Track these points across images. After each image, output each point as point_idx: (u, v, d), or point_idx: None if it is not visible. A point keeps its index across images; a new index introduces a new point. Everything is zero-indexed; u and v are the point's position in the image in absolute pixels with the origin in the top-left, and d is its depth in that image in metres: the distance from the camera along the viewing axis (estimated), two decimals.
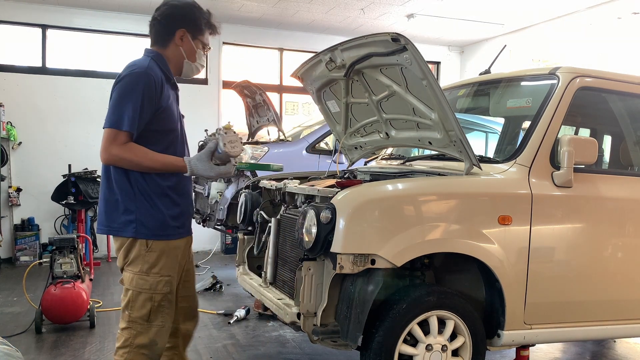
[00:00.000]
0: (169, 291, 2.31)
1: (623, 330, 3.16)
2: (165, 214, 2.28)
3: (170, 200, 2.30)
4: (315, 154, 5.73)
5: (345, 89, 3.27)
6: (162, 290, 2.28)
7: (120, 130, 2.15)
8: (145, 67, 2.22)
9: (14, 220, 6.90)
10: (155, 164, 2.21)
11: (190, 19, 2.36)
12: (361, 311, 2.47)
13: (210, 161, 2.21)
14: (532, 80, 3.36)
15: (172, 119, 2.32)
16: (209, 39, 2.46)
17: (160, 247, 2.27)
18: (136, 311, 2.27)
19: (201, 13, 2.40)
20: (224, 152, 2.17)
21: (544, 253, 2.83)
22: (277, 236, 3.18)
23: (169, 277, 2.30)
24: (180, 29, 2.35)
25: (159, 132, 2.26)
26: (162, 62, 2.34)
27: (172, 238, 2.31)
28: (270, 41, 8.02)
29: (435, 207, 2.64)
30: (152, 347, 2.30)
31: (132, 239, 2.25)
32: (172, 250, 2.31)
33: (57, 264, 4.32)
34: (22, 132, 6.93)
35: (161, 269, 2.28)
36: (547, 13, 7.08)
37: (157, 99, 2.22)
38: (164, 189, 2.28)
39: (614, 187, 3.07)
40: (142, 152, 2.19)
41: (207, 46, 2.46)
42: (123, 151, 2.16)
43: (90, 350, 3.75)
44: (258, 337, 4.06)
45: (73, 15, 7.14)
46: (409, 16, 7.26)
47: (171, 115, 2.31)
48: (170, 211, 2.30)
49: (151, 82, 2.19)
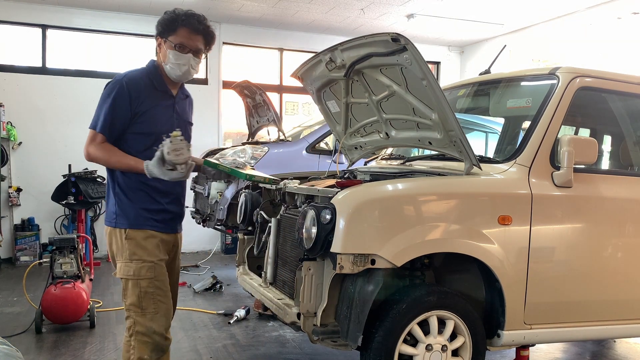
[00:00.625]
0: (153, 276, 2.43)
1: (623, 330, 3.16)
2: (141, 207, 2.46)
3: (146, 194, 2.47)
4: (315, 154, 5.72)
5: (345, 89, 3.27)
6: (146, 275, 2.41)
7: (96, 132, 2.40)
8: (123, 76, 2.42)
9: (14, 220, 6.90)
10: (118, 164, 2.41)
11: (161, 24, 2.47)
12: (361, 311, 2.47)
13: (162, 166, 2.29)
14: (532, 80, 3.36)
15: (154, 124, 2.45)
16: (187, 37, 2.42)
17: (138, 236, 2.44)
18: (129, 298, 2.44)
19: (175, 15, 2.44)
20: (168, 159, 2.26)
21: (544, 253, 2.83)
22: (277, 236, 3.18)
23: (152, 263, 2.43)
24: (157, 38, 2.50)
25: (138, 135, 2.44)
26: (154, 71, 2.50)
27: (147, 228, 2.46)
28: (270, 41, 8.02)
29: (435, 207, 2.64)
30: (150, 334, 2.42)
31: (112, 228, 2.48)
32: (150, 238, 2.46)
33: (57, 264, 4.32)
34: (22, 132, 6.93)
35: (142, 256, 2.43)
36: (547, 13, 7.08)
37: (132, 105, 2.40)
38: (140, 184, 2.46)
39: (614, 187, 3.07)
40: (111, 152, 2.40)
41: (181, 44, 2.42)
42: (96, 150, 2.40)
43: (90, 350, 3.75)
44: (258, 337, 4.06)
45: (73, 15, 7.15)
46: (409, 16, 7.26)
47: (152, 120, 2.45)
48: (145, 205, 2.46)
49: (123, 90, 2.39)
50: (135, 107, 2.41)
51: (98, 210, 7.14)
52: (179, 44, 2.43)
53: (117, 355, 3.66)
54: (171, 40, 2.43)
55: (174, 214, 2.58)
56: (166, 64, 2.47)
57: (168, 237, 2.55)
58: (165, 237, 2.52)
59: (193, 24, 2.43)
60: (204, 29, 2.47)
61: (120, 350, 3.73)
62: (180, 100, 2.60)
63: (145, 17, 7.38)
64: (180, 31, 2.43)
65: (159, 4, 6.89)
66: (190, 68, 2.47)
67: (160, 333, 2.44)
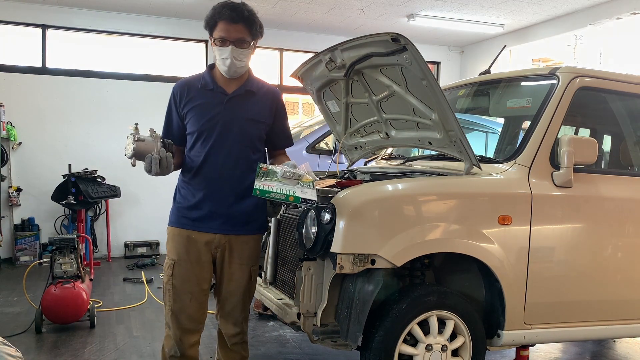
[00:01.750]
0: (171, 274, 2.47)
1: (623, 330, 3.15)
2: (177, 204, 2.53)
3: (182, 191, 2.53)
4: (315, 154, 5.72)
5: (345, 89, 3.27)
6: (167, 272, 2.50)
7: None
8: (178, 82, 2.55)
9: (14, 220, 6.89)
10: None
11: (205, 24, 2.46)
12: (361, 311, 2.47)
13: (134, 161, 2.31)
14: (532, 80, 3.36)
15: (197, 123, 2.45)
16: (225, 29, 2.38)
17: (171, 232, 2.54)
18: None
19: (212, 11, 2.41)
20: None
21: (544, 253, 2.83)
22: (277, 236, 3.18)
23: (172, 260, 2.48)
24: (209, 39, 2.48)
25: (188, 135, 2.51)
26: (206, 71, 2.54)
27: (177, 226, 2.50)
28: (270, 41, 8.01)
29: (435, 207, 2.64)
30: (169, 329, 2.52)
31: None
32: (177, 236, 2.49)
33: (57, 264, 4.32)
34: (22, 132, 6.93)
35: (169, 252, 2.52)
36: (547, 13, 7.08)
37: (177, 108, 2.50)
38: (180, 182, 2.56)
39: (614, 187, 3.07)
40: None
41: (221, 38, 2.38)
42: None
43: (90, 350, 3.75)
44: (258, 337, 4.06)
45: (73, 15, 7.14)
46: (409, 16, 7.26)
47: (195, 119, 2.45)
48: (180, 202, 2.52)
49: (171, 96, 2.52)
50: (181, 109, 2.48)
51: (98, 210, 7.14)
52: (218, 39, 2.38)
53: (117, 355, 3.66)
54: (213, 37, 2.41)
55: (212, 212, 2.45)
56: (216, 62, 2.46)
57: (202, 237, 2.46)
58: (197, 235, 2.45)
59: (228, 14, 2.36)
60: (241, 16, 2.37)
61: (120, 351, 3.74)
62: (239, 96, 2.48)
63: (145, 17, 7.38)
64: (219, 25, 2.38)
65: (159, 4, 6.89)
66: (234, 60, 2.38)
67: (175, 333, 2.48)
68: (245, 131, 2.47)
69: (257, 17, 2.46)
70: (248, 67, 2.52)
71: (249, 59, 2.48)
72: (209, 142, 2.43)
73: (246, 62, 2.47)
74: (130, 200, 7.27)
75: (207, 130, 2.43)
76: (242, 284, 2.54)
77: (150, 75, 7.53)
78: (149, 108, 7.31)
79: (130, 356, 3.66)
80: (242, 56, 2.42)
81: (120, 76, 7.38)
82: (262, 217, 2.57)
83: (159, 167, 2.25)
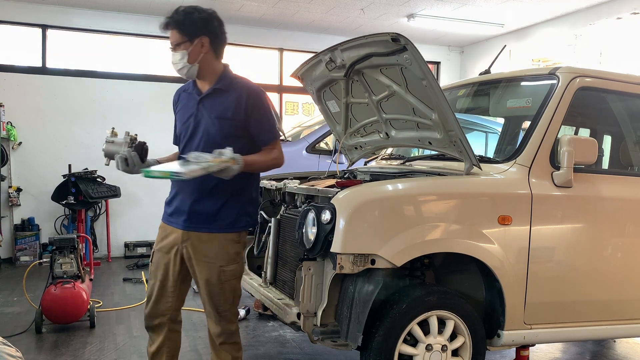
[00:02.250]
0: (151, 261, 2.64)
1: (623, 330, 3.16)
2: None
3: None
4: (315, 154, 5.72)
5: (345, 89, 3.27)
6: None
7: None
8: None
9: (14, 220, 6.89)
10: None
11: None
12: (361, 311, 2.48)
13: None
14: (532, 80, 3.36)
15: (178, 124, 2.62)
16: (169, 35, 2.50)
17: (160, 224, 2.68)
18: None
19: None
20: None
21: (544, 253, 2.83)
22: (277, 236, 3.18)
23: (154, 249, 2.65)
24: None
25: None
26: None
27: (162, 218, 2.65)
28: (270, 41, 8.01)
29: (435, 207, 2.64)
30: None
31: None
32: (160, 228, 2.64)
33: (57, 264, 4.32)
34: (22, 132, 6.93)
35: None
36: (547, 13, 7.08)
37: (175, 112, 2.67)
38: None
39: (614, 187, 3.07)
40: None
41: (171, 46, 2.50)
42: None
43: (90, 350, 3.75)
44: (258, 337, 4.06)
45: (73, 15, 7.14)
46: (409, 16, 7.26)
47: (178, 121, 2.63)
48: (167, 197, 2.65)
49: (172, 101, 2.71)
50: (175, 114, 2.67)
51: (98, 210, 7.14)
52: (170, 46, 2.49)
53: (117, 355, 3.66)
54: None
55: (177, 208, 2.54)
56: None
57: (173, 231, 2.55)
58: (169, 229, 2.57)
59: (162, 24, 2.48)
60: (171, 21, 2.44)
61: (120, 351, 3.74)
62: (209, 95, 2.49)
63: (145, 17, 7.38)
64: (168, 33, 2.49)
65: (159, 4, 6.89)
66: (174, 64, 2.48)
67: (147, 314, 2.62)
68: (212, 129, 2.46)
69: (193, 15, 2.44)
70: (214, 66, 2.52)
71: (193, 58, 2.44)
72: (183, 142, 2.57)
73: (190, 62, 2.44)
74: (130, 200, 7.27)
75: (184, 131, 2.56)
76: (212, 283, 2.49)
77: (150, 75, 7.53)
78: (149, 108, 7.32)
79: (130, 356, 3.66)
80: (178, 58, 2.44)
81: (120, 76, 7.38)
82: (229, 217, 2.50)
83: (126, 165, 2.39)
